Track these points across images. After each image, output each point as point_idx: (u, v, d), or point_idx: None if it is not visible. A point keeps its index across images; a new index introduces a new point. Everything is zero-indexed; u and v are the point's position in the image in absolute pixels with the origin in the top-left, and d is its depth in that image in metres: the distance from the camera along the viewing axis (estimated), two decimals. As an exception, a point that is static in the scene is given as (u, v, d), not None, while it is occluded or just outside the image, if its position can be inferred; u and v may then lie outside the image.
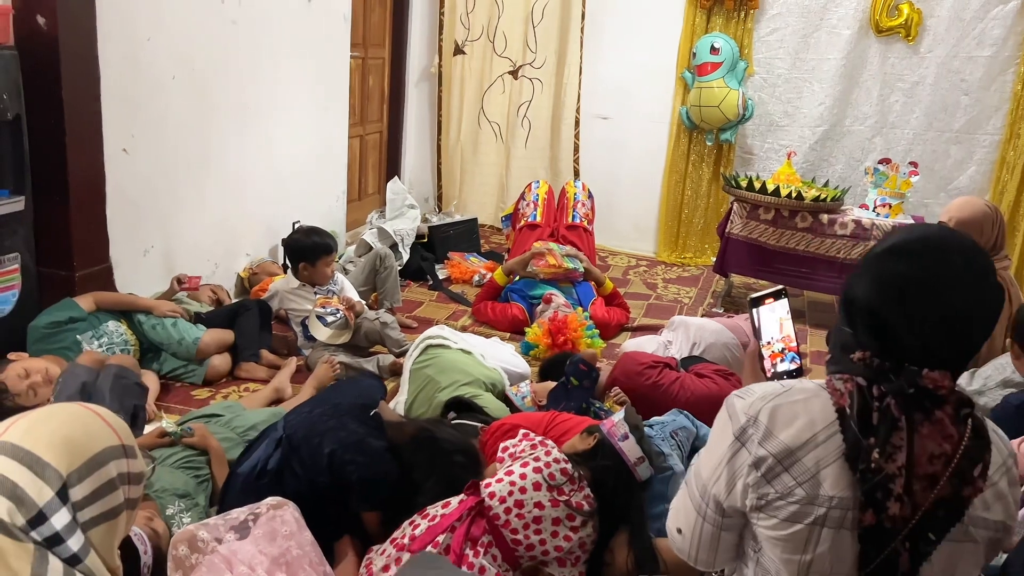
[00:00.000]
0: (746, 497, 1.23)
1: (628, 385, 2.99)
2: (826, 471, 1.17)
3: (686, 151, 5.82)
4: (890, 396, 1.17)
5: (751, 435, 1.22)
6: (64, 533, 0.99)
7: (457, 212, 6.23)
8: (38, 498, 0.98)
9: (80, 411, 1.10)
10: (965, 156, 5.27)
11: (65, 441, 1.03)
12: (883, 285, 1.20)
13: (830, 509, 1.17)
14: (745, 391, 1.30)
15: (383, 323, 3.54)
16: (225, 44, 3.92)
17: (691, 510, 1.34)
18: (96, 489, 1.02)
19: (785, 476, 1.19)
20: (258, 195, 4.38)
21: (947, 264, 1.18)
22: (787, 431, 1.20)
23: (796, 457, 1.18)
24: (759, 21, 5.49)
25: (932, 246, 1.20)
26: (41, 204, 3.10)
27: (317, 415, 2.21)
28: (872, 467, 1.14)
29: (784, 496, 1.19)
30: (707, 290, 5.22)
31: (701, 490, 1.31)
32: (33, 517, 0.98)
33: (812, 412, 1.21)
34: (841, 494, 1.16)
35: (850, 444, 1.16)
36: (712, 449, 1.31)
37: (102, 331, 3.10)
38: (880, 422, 1.16)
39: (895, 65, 5.29)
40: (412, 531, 1.93)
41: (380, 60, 5.85)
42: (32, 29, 2.95)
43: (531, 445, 2.11)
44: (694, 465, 1.38)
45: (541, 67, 6.05)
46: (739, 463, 1.24)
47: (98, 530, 1.02)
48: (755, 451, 1.21)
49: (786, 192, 4.45)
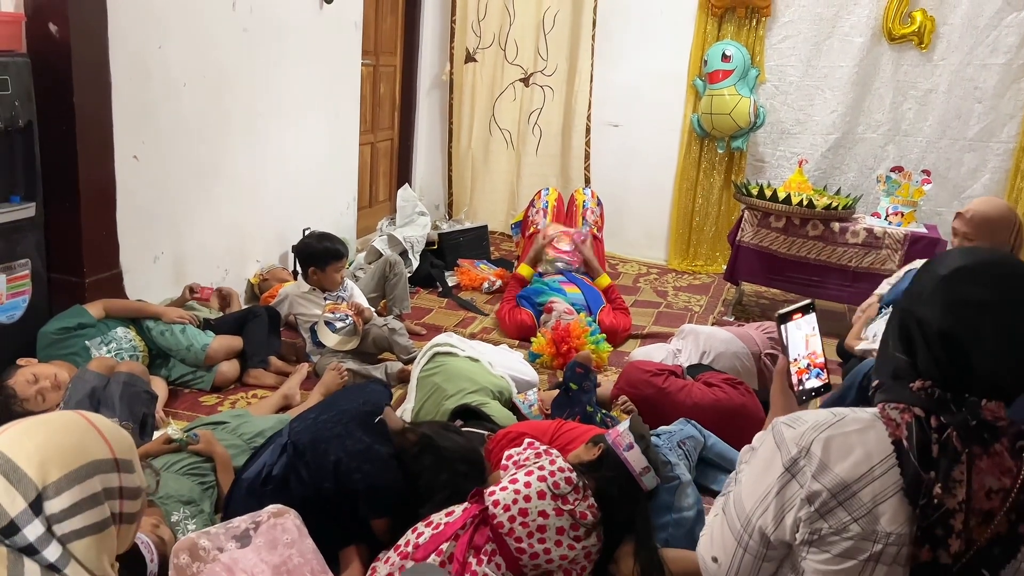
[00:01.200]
0: (796, 531, 1.20)
1: (634, 394, 2.97)
2: (883, 506, 1.14)
3: (697, 159, 5.80)
4: (951, 428, 1.13)
5: (803, 467, 1.19)
6: (38, 544, 0.97)
7: (467, 219, 6.23)
8: (10, 508, 0.97)
9: (76, 421, 1.08)
10: (979, 164, 5.23)
11: (49, 452, 1.01)
12: (960, 309, 1.15)
13: (887, 545, 1.14)
14: (793, 419, 1.26)
15: (391, 329, 3.54)
16: (236, 51, 3.94)
17: (730, 539, 1.30)
18: (77, 503, 0.99)
19: (840, 511, 1.15)
20: (268, 202, 4.39)
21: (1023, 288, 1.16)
22: (842, 464, 1.16)
23: (852, 491, 1.15)
24: (771, 28, 5.47)
25: (1007, 270, 1.17)
26: (52, 210, 3.12)
27: (323, 422, 2.21)
28: (934, 502, 1.11)
29: (839, 532, 1.15)
30: (718, 298, 5.20)
31: (744, 521, 1.28)
32: (4, 527, 0.96)
33: (868, 444, 1.17)
34: (899, 530, 1.13)
35: (909, 478, 1.13)
36: (757, 478, 1.27)
37: (111, 337, 3.12)
38: (940, 455, 1.12)
39: (908, 73, 5.26)
40: (416, 539, 1.92)
41: (391, 67, 5.87)
42: (44, 36, 2.97)
43: (535, 454, 2.10)
44: (733, 493, 1.35)
45: (552, 74, 6.05)
46: (789, 495, 1.20)
47: (81, 543, 0.99)
48: (808, 485, 1.17)
49: (797, 200, 4.43)
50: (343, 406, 2.30)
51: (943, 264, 1.21)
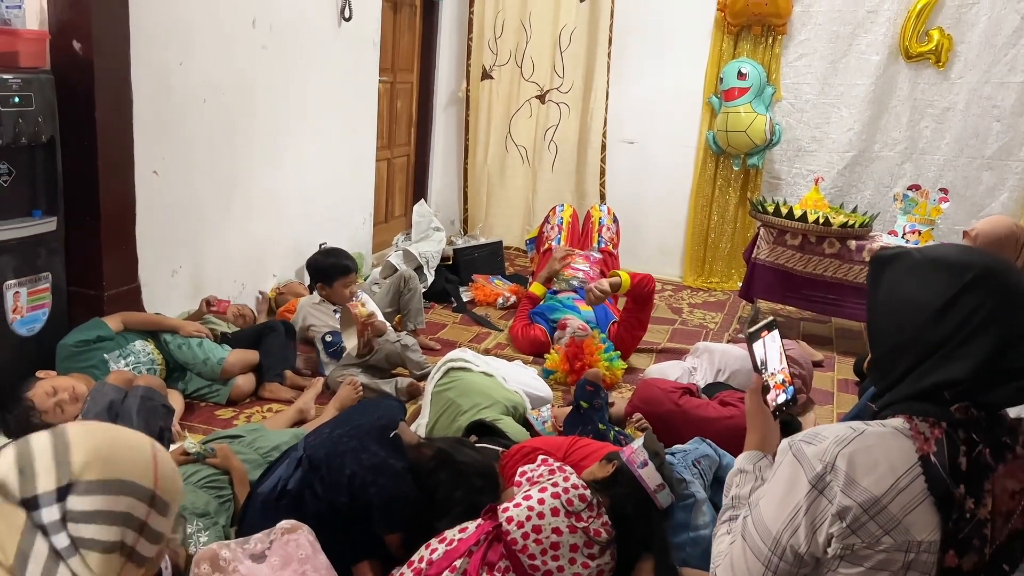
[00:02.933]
0: (829, 546, 1.19)
1: (648, 411, 2.96)
2: (912, 516, 1.15)
3: (712, 176, 5.80)
4: (982, 446, 1.15)
5: (830, 482, 1.18)
6: (50, 529, 0.95)
7: (482, 235, 6.25)
8: (42, 484, 0.96)
9: (140, 445, 1.06)
10: (997, 183, 5.20)
11: (99, 455, 1.00)
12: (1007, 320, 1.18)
13: (919, 553, 1.15)
14: (811, 436, 1.25)
15: (404, 345, 3.55)
16: (255, 69, 3.99)
17: (756, 565, 1.28)
18: (96, 511, 0.97)
19: (871, 525, 1.16)
20: (286, 216, 4.43)
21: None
22: (869, 478, 1.16)
23: (882, 505, 1.15)
24: (787, 46, 5.48)
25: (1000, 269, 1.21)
26: (73, 225, 3.16)
27: (338, 436, 2.22)
28: (966, 517, 1.13)
29: (872, 546, 1.16)
30: (733, 316, 5.18)
31: (772, 544, 1.25)
32: (28, 498, 0.95)
33: (891, 456, 1.17)
34: (930, 538, 1.15)
35: (938, 492, 1.14)
36: (781, 499, 1.25)
37: (129, 350, 3.14)
38: (970, 468, 1.14)
39: (925, 91, 5.25)
40: (429, 555, 1.92)
41: (408, 84, 5.92)
42: (68, 54, 3.02)
43: (549, 470, 2.09)
44: (751, 517, 1.32)
45: (568, 91, 6.07)
46: (819, 512, 1.20)
47: (90, 556, 0.97)
48: (838, 500, 1.17)
49: (813, 218, 4.41)
50: (358, 421, 2.31)
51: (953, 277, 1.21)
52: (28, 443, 0.99)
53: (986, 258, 1.23)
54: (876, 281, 1.32)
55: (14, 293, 2.97)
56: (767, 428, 1.56)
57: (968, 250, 1.29)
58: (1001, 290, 1.18)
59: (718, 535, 1.46)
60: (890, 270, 1.30)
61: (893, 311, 1.27)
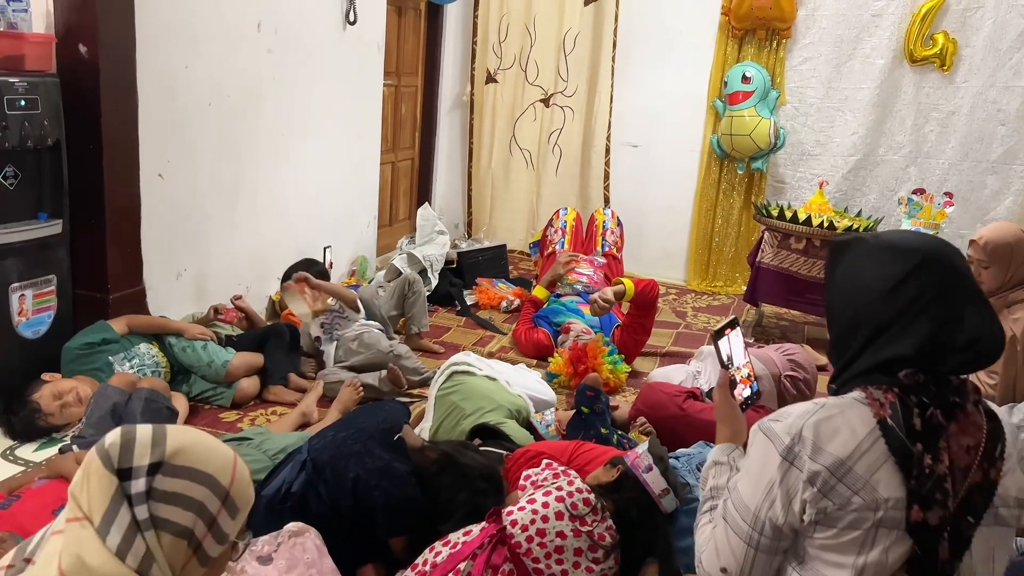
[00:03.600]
0: (804, 513, 1.27)
1: (652, 415, 2.96)
2: (876, 475, 1.23)
3: (717, 179, 5.80)
4: (933, 407, 1.24)
5: (799, 452, 1.27)
6: (135, 500, 1.05)
7: (486, 238, 6.26)
8: (139, 458, 1.06)
9: (224, 448, 1.16)
10: (1002, 187, 5.19)
11: (192, 447, 1.10)
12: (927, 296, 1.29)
13: (887, 511, 1.23)
14: (778, 415, 1.34)
15: (397, 355, 3.55)
16: (260, 72, 4.00)
17: (738, 544, 1.35)
18: (176, 493, 1.06)
19: (840, 487, 1.24)
20: (290, 220, 4.44)
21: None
22: (834, 443, 1.25)
23: (848, 467, 1.24)
24: (791, 50, 5.48)
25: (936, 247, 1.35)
26: (78, 228, 3.17)
27: (342, 439, 2.22)
28: (926, 472, 1.21)
29: (843, 507, 1.24)
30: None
31: (752, 519, 1.33)
32: (124, 469, 1.05)
33: (852, 423, 1.26)
34: (895, 495, 1.23)
35: (897, 451, 1.23)
36: (756, 476, 1.33)
37: (134, 353, 3.15)
38: (924, 428, 1.23)
39: (930, 95, 5.25)
40: (433, 558, 1.92)
41: (413, 88, 5.92)
42: (74, 57, 3.03)
43: (554, 474, 2.09)
44: (730, 500, 1.39)
45: (572, 95, 6.08)
46: (792, 481, 1.28)
47: (165, 535, 1.06)
48: (808, 467, 1.25)
49: (818, 222, 4.41)
50: (362, 424, 2.31)
51: (891, 261, 1.32)
52: (135, 427, 1.11)
53: (934, 243, 1.34)
54: (833, 266, 1.43)
55: (20, 296, 2.98)
56: (736, 421, 1.64)
57: (918, 235, 1.40)
58: (946, 273, 1.29)
59: (700, 525, 1.51)
60: (847, 255, 1.40)
61: (848, 293, 1.37)
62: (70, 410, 2.84)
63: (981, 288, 1.31)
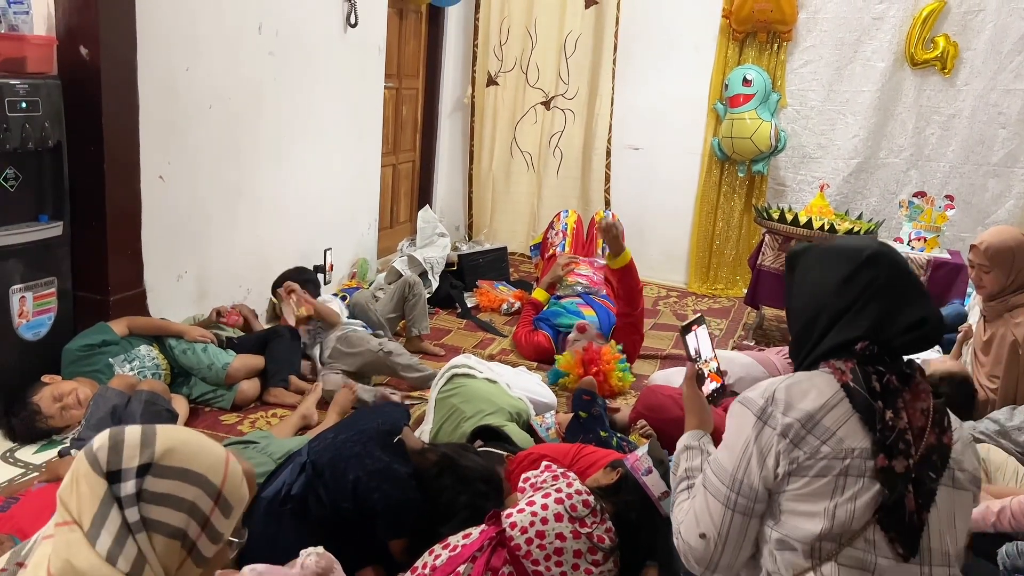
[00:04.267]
0: (778, 466, 1.39)
1: (653, 418, 2.96)
2: (843, 429, 1.37)
3: (718, 182, 5.80)
4: (889, 374, 1.40)
5: (771, 411, 1.40)
6: (125, 502, 1.04)
7: (487, 241, 6.26)
8: (127, 460, 1.05)
9: (215, 446, 1.15)
10: (1003, 190, 5.19)
11: (182, 446, 1.09)
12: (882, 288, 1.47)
13: (852, 459, 1.35)
14: (752, 389, 1.48)
15: (387, 352, 3.54)
16: (261, 74, 4.00)
17: (716, 507, 1.45)
18: (167, 494, 1.06)
19: (810, 438, 1.37)
20: (291, 222, 4.43)
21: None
22: (804, 401, 1.39)
23: (816, 420, 1.38)
24: (792, 53, 5.48)
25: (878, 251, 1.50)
26: (79, 229, 3.17)
27: (342, 441, 2.22)
28: (889, 425, 1.36)
29: (812, 456, 1.36)
30: (738, 322, 5.17)
31: (729, 480, 1.43)
32: (113, 471, 1.05)
33: (819, 386, 1.41)
34: (860, 445, 1.36)
35: (861, 407, 1.38)
36: (733, 441, 1.45)
37: (134, 355, 3.15)
38: (883, 390, 1.39)
39: (931, 98, 5.25)
40: (433, 561, 1.92)
41: (414, 90, 5.93)
42: (75, 59, 3.04)
43: (553, 476, 2.09)
44: (709, 468, 1.49)
45: (573, 98, 6.08)
46: (766, 439, 1.40)
47: (157, 537, 1.05)
48: (781, 421, 1.39)
49: (819, 224, 4.41)
50: (362, 426, 2.31)
51: (839, 261, 1.49)
52: (122, 428, 1.10)
53: (875, 242, 1.52)
54: (790, 271, 1.60)
55: (20, 297, 2.98)
56: (704, 411, 1.76)
57: (860, 237, 1.60)
58: (891, 265, 1.46)
59: (677, 502, 1.60)
60: (801, 262, 1.57)
61: (806, 292, 1.53)
62: (70, 412, 2.84)
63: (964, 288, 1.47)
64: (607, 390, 3.62)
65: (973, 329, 3.23)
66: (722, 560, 1.45)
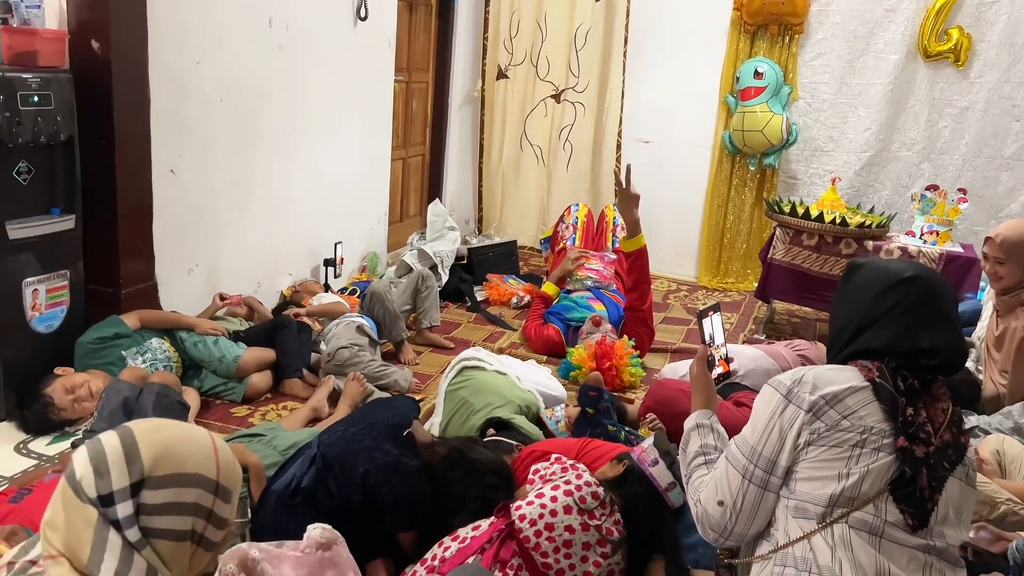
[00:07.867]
0: (799, 437, 1.49)
1: (662, 412, 2.95)
2: (865, 409, 1.48)
3: (728, 175, 5.78)
4: (912, 379, 1.51)
5: (798, 391, 1.52)
6: (124, 523, 1.03)
7: (497, 234, 6.26)
8: (116, 482, 1.03)
9: (202, 438, 1.14)
10: (1017, 183, 5.15)
11: (167, 450, 1.08)
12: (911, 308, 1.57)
13: (871, 435, 1.46)
14: (784, 374, 1.59)
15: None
16: (271, 68, 4.01)
17: (735, 476, 1.56)
18: (167, 503, 1.05)
19: (832, 412, 1.48)
20: (301, 216, 4.45)
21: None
22: (830, 385, 1.51)
23: (840, 398, 1.49)
24: (804, 46, 5.45)
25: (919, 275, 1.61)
26: (91, 223, 3.19)
27: (352, 434, 2.22)
28: (910, 419, 1.47)
29: (832, 428, 1.47)
30: (748, 316, 5.16)
31: (750, 453, 1.55)
32: (104, 496, 1.03)
33: (847, 376, 1.53)
34: (879, 425, 1.47)
35: (885, 399, 1.48)
36: (757, 419, 1.56)
37: (146, 348, 3.17)
38: (906, 389, 1.49)
39: (944, 90, 5.21)
40: (442, 553, 1.92)
41: (424, 84, 5.93)
42: (87, 53, 3.05)
43: (562, 468, 2.09)
44: (734, 443, 1.61)
45: (583, 91, 6.07)
46: (789, 415, 1.51)
47: (161, 544, 1.04)
48: (807, 399, 1.50)
49: (830, 218, 4.38)
50: (372, 419, 2.31)
51: (877, 280, 1.61)
52: (99, 443, 1.07)
53: (923, 268, 1.63)
54: (845, 280, 1.71)
55: (33, 290, 3.00)
56: (710, 390, 1.86)
57: (912, 262, 1.71)
58: (923, 291, 1.55)
59: (694, 476, 1.70)
60: (855, 272, 1.69)
61: (846, 299, 1.66)
62: (82, 404, 2.86)
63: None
64: (619, 385, 3.62)
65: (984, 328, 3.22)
66: (736, 528, 1.56)
